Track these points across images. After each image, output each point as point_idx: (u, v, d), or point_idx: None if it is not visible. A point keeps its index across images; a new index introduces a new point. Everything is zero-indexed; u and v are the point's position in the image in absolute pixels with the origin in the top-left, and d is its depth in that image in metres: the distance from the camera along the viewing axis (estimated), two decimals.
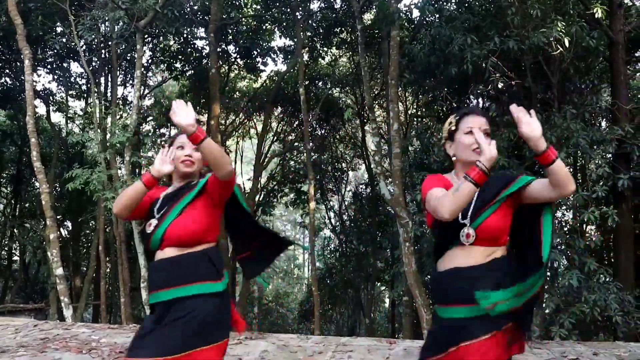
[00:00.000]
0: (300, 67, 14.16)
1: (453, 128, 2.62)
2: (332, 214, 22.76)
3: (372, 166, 18.29)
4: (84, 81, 20.37)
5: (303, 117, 13.91)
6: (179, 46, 17.76)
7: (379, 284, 21.56)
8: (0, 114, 19.40)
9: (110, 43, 13.53)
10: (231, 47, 17.71)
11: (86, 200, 16.63)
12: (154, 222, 2.89)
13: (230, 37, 17.02)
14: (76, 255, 19.78)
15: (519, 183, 2.48)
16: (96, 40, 13.13)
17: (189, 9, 13.53)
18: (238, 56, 18.01)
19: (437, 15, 10.32)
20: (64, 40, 14.63)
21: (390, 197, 9.81)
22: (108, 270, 16.80)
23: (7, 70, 17.82)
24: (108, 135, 11.23)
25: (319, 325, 13.26)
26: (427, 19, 10.89)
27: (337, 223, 22.57)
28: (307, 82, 19.20)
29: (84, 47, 15.75)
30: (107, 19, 10.90)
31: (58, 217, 17.86)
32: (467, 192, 2.27)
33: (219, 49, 17.49)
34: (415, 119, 16.82)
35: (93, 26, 11.65)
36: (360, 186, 21.96)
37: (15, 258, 23.20)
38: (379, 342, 6.51)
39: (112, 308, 19.56)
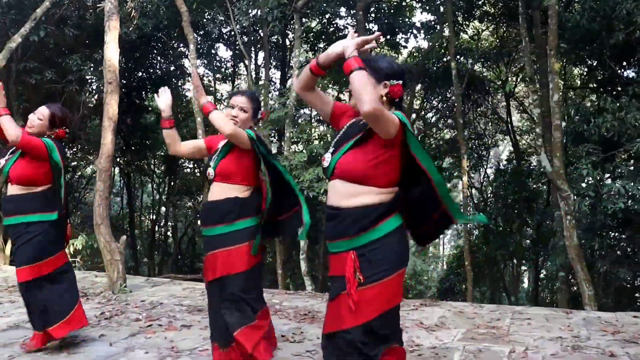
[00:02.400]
0: (451, 40, 14.05)
1: None
2: (474, 192, 22.44)
3: (518, 140, 17.88)
4: (229, 65, 21.55)
5: (455, 92, 13.82)
6: (320, 26, 18.25)
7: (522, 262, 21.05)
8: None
9: (258, 26, 14.18)
10: (372, 25, 17.84)
11: None
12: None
13: (372, 14, 17.14)
14: None
15: None
16: (247, 24, 13.72)
17: None
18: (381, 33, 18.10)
19: None
20: (216, 25, 15.47)
21: (550, 169, 9.61)
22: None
23: (162, 58, 19.06)
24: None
25: (471, 298, 13.26)
26: None
27: (479, 201, 22.25)
28: (448, 57, 19.06)
29: (233, 31, 16.61)
30: (267, 2, 11.37)
31: None
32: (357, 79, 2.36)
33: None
34: (570, 90, 16.11)
35: (249, 10, 12.29)
36: (503, 162, 21.50)
37: (169, 233, 25.05)
38: (554, 311, 6.48)
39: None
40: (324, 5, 13.43)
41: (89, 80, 13.47)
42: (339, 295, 2.57)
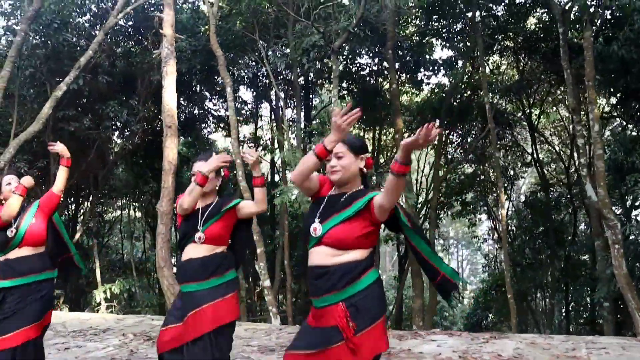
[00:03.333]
0: (484, 76, 14.27)
1: None
2: (495, 225, 22.39)
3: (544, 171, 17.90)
4: (249, 106, 21.80)
5: (490, 127, 13.97)
6: (342, 66, 18.53)
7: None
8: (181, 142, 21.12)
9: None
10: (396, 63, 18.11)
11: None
12: None
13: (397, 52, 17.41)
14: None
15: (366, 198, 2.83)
16: (282, 67, 13.97)
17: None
18: (403, 71, 18.38)
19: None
20: (248, 68, 15.75)
21: (596, 199, 9.63)
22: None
23: (185, 101, 19.30)
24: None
25: (515, 329, 13.12)
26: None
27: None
28: (469, 92, 19.29)
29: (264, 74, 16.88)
30: (302, 43, 11.58)
31: None
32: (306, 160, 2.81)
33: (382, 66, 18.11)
34: (606, 120, 16.21)
35: (283, 53, 12.55)
36: (524, 195, 21.54)
37: None
38: (627, 340, 6.43)
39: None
40: (367, 44, 13.63)
41: (126, 126, 13.55)
42: (333, 346, 2.78)
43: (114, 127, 12.93)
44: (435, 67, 18.17)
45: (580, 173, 10.58)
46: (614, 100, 14.33)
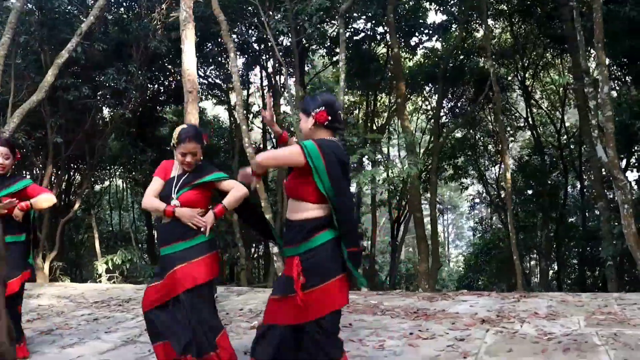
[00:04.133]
0: (486, 40, 14.19)
1: None
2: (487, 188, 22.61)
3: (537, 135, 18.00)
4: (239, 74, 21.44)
5: (495, 90, 13.91)
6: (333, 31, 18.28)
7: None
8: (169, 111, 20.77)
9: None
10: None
11: None
12: None
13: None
14: None
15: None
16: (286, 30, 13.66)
17: None
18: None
19: None
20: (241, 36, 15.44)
21: (607, 159, 9.73)
22: None
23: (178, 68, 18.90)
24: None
25: (521, 284, 13.28)
26: None
27: (493, 197, 22.39)
28: (461, 57, 19.21)
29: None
30: (306, 7, 11.37)
31: None
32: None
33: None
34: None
35: (284, 18, 12.33)
36: (516, 158, 21.71)
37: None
38: None
39: None
40: (373, 8, 13.43)
41: (123, 94, 13.24)
42: (289, 295, 3.07)
43: (109, 95, 12.59)
44: (430, 32, 18.02)
45: (593, 135, 10.59)
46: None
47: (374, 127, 19.95)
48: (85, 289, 8.84)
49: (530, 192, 19.41)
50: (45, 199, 4.75)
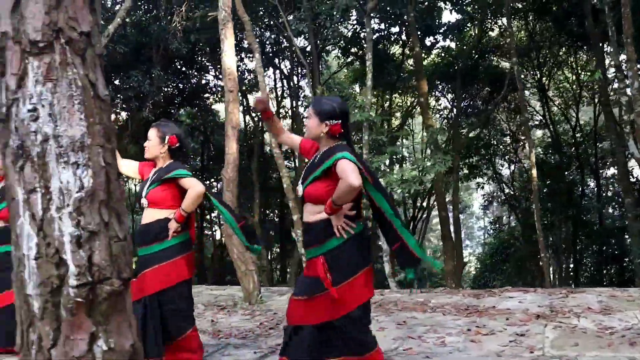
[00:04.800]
0: (511, 39, 14.13)
1: None
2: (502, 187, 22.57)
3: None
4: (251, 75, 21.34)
5: (518, 87, 13.85)
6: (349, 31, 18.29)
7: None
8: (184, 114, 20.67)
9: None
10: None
11: None
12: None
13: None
14: None
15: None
16: (306, 30, 13.63)
17: None
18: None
19: None
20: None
21: (639, 155, 9.72)
22: None
23: (194, 70, 18.92)
24: None
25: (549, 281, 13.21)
26: None
27: (508, 196, 22.37)
28: (476, 56, 19.17)
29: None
30: (330, 7, 11.35)
31: None
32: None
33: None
34: None
35: (306, 17, 12.31)
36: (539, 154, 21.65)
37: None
38: None
39: None
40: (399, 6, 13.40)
41: (147, 97, 13.24)
42: (317, 295, 3.11)
43: (132, 97, 12.58)
44: (445, 31, 18.00)
45: (625, 131, 10.57)
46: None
47: (391, 127, 19.93)
48: None
49: (545, 190, 19.32)
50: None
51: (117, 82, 13.11)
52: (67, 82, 2.07)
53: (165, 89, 17.36)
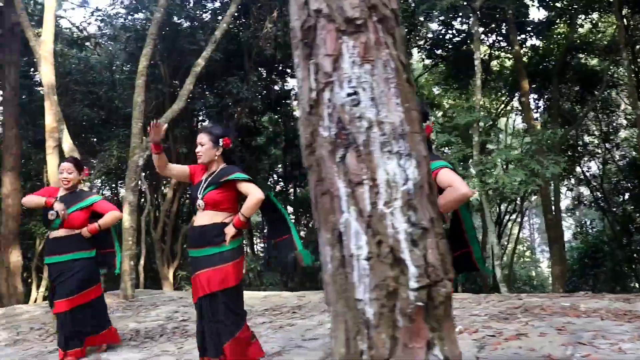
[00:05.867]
0: (620, 33, 13.37)
1: None
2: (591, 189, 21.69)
3: None
4: None
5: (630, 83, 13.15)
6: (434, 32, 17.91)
7: None
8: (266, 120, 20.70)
9: None
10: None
11: None
12: None
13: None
14: None
15: None
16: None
17: None
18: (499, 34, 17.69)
19: None
20: None
21: None
22: None
23: (276, 77, 18.91)
24: None
25: None
26: None
27: (596, 198, 21.47)
28: (566, 54, 18.43)
29: None
30: (435, 6, 11.08)
31: None
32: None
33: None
34: None
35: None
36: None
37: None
38: None
39: None
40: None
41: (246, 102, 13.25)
42: None
43: (231, 103, 12.62)
44: (534, 29, 17.40)
45: None
46: None
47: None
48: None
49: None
50: (112, 217, 5.10)
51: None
52: (381, 63, 1.88)
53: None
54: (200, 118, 12.95)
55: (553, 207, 14.83)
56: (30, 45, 8.58)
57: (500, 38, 17.94)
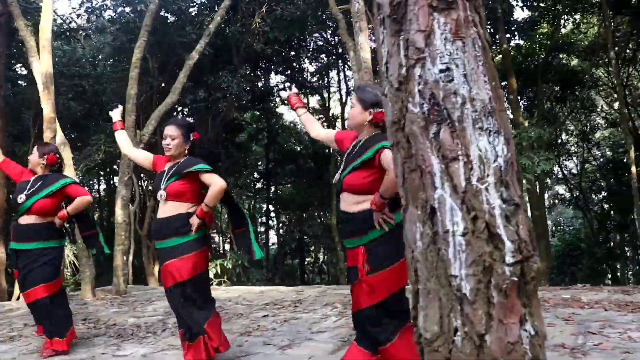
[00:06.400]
0: (608, 32, 13.54)
1: None
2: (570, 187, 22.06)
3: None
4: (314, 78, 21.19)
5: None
6: None
7: None
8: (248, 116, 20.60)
9: None
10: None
11: None
12: None
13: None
14: None
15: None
16: None
17: None
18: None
19: None
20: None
21: None
22: None
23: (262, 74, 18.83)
24: None
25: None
26: None
27: (573, 197, 21.85)
28: (547, 54, 18.70)
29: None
30: None
31: None
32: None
33: None
34: None
35: None
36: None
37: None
38: None
39: None
40: None
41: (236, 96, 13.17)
42: (354, 283, 3.22)
43: (221, 97, 12.53)
44: (517, 29, 17.63)
45: None
46: None
47: None
48: (243, 291, 8.71)
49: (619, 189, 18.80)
50: (82, 202, 4.92)
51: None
52: (471, 41, 1.89)
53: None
54: (186, 112, 12.78)
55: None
56: (21, 35, 8.43)
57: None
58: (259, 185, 22.53)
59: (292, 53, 17.77)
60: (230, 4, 10.43)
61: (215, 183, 3.95)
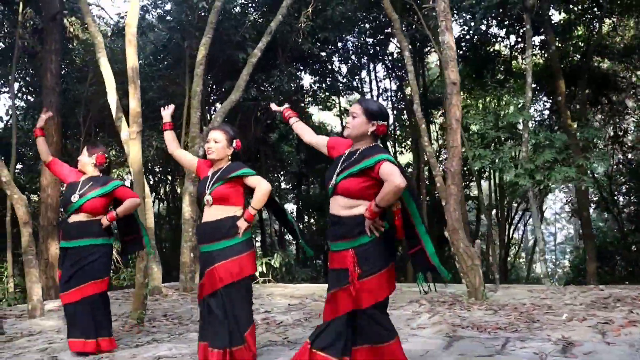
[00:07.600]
0: None
1: None
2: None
3: None
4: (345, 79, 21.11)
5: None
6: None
7: None
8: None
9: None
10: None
11: None
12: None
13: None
14: None
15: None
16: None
17: None
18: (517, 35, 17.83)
19: None
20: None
21: None
22: None
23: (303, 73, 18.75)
24: None
25: None
26: None
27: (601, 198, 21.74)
28: (578, 57, 18.64)
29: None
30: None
31: None
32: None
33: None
34: None
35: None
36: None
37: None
38: None
39: None
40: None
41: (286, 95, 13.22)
42: (342, 288, 3.26)
43: (274, 96, 12.59)
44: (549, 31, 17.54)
45: None
46: None
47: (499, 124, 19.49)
48: (308, 290, 8.76)
49: None
50: (130, 205, 5.08)
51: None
52: None
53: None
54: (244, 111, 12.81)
55: None
56: (91, 31, 8.49)
57: (519, 39, 18.08)
58: (288, 185, 22.56)
59: (323, 53, 17.78)
60: (290, 2, 10.47)
61: (261, 186, 4.08)
